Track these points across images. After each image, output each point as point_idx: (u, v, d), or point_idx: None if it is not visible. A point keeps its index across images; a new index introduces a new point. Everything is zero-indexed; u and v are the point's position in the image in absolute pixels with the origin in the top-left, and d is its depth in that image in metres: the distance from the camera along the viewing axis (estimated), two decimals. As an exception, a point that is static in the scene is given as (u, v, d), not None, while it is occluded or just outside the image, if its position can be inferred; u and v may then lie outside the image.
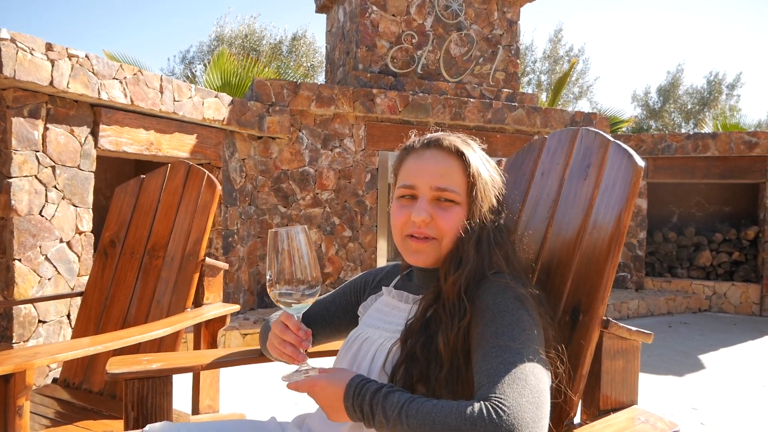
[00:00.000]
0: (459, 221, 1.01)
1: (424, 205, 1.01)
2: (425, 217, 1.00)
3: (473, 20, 6.28)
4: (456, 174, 1.02)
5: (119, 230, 2.31)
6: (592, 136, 1.18)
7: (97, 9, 44.59)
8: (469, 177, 1.02)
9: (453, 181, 1.02)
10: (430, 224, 1.01)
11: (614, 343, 1.03)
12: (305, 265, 0.98)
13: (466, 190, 1.02)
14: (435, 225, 1.01)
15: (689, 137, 6.44)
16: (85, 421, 1.78)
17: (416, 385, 0.94)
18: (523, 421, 0.74)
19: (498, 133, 6.00)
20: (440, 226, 1.01)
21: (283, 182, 5.15)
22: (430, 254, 1.03)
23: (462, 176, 1.03)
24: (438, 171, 1.02)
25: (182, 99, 3.92)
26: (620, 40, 52.31)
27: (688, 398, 3.35)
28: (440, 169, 1.03)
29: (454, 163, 1.03)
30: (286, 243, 0.98)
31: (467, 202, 1.02)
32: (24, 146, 2.93)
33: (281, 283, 0.97)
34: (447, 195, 1.01)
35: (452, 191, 1.01)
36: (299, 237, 0.99)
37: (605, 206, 1.05)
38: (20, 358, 1.36)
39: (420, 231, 1.02)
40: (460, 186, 1.02)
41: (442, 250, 1.03)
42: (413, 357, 0.95)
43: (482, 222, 1.02)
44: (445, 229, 1.01)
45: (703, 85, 16.89)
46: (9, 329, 2.90)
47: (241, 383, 3.42)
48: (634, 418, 1.00)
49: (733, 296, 6.34)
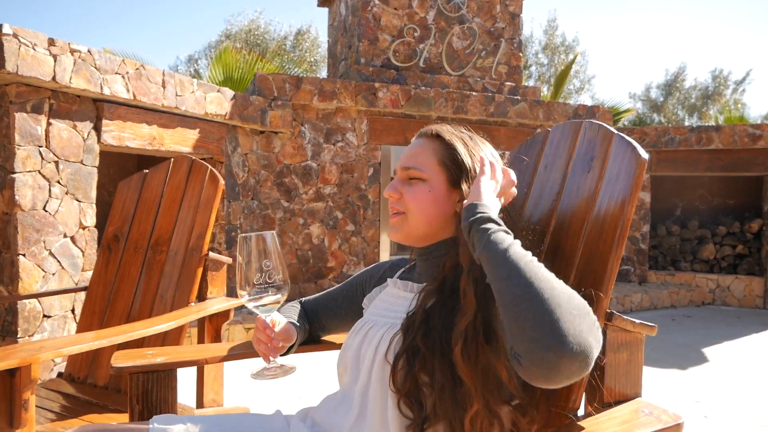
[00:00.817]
0: (422, 195, 1.06)
1: (395, 183, 1.10)
2: (392, 192, 1.08)
3: (475, 13, 6.25)
4: (425, 153, 1.08)
5: (123, 225, 2.31)
6: (596, 129, 1.17)
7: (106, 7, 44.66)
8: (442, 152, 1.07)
9: (420, 160, 1.08)
10: (400, 200, 1.08)
11: (618, 336, 1.03)
12: (274, 268, 1.06)
13: (435, 166, 1.06)
14: (403, 200, 1.08)
15: (693, 130, 6.42)
16: (90, 415, 1.79)
17: (418, 374, 0.94)
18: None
19: (501, 127, 5.99)
20: (406, 200, 1.07)
21: (286, 177, 5.15)
22: (399, 228, 1.09)
23: (432, 154, 1.07)
24: (409, 154, 1.10)
25: (184, 94, 3.91)
26: (619, 39, 52.15)
27: (692, 391, 3.35)
28: (412, 151, 1.10)
29: (426, 144, 1.09)
30: (255, 248, 1.06)
31: (436, 176, 1.06)
32: (27, 141, 2.94)
33: (250, 287, 1.04)
34: (412, 173, 1.07)
35: (416, 168, 1.07)
36: (268, 241, 1.07)
37: (609, 198, 1.05)
38: (26, 353, 1.36)
39: (393, 206, 1.10)
40: (426, 164, 1.07)
41: (409, 224, 1.08)
42: (414, 347, 0.96)
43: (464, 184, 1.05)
44: (409, 203, 1.06)
45: (707, 80, 16.83)
46: (14, 324, 2.91)
47: (245, 377, 3.43)
48: (638, 411, 1.00)
49: (736, 289, 6.33)
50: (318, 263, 5.31)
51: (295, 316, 1.31)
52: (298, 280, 5.24)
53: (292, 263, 5.21)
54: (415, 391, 0.94)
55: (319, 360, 3.64)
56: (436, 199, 1.06)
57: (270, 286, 1.05)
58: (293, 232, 5.20)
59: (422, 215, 1.06)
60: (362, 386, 1.05)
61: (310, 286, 5.28)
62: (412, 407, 0.94)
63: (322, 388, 3.15)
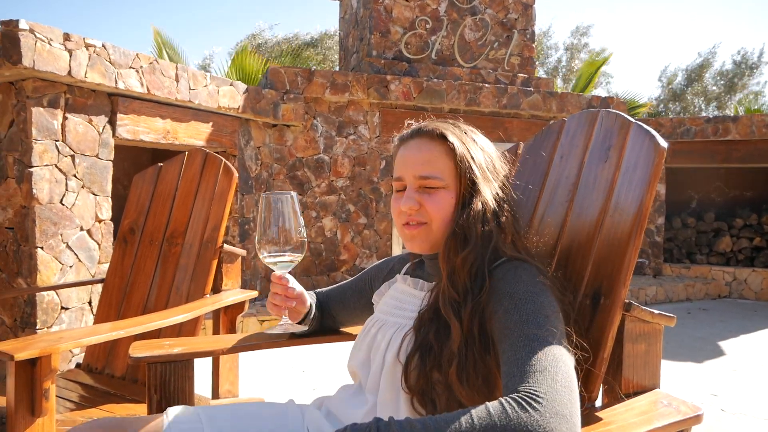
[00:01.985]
0: (446, 203, 1.02)
1: (411, 194, 1.03)
2: (412, 204, 1.02)
3: (487, 5, 6.20)
4: (439, 159, 1.03)
5: (138, 218, 2.33)
6: (613, 118, 1.16)
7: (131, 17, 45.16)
8: (455, 157, 1.02)
9: (435, 167, 1.02)
10: (420, 210, 1.03)
11: (636, 327, 1.02)
12: (291, 228, 1.10)
13: (453, 172, 1.02)
14: (424, 210, 1.03)
15: (709, 121, 6.33)
16: (108, 405, 1.81)
17: (431, 372, 0.94)
18: (561, 403, 0.73)
19: (514, 119, 5.95)
20: (428, 210, 1.02)
21: (298, 170, 5.16)
22: (423, 239, 1.05)
23: (446, 159, 1.03)
24: (420, 159, 1.04)
25: (198, 87, 3.93)
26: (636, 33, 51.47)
27: (708, 385, 3.32)
28: (423, 156, 1.04)
29: (437, 148, 1.03)
30: (276, 207, 1.09)
31: (456, 183, 1.02)
32: (44, 136, 2.97)
33: (270, 244, 1.09)
34: (430, 182, 1.02)
35: (435, 178, 1.02)
36: (288, 202, 1.10)
37: (627, 188, 1.04)
38: (45, 343, 1.38)
39: (412, 218, 1.04)
40: (443, 170, 1.02)
41: (434, 234, 1.04)
42: (427, 345, 0.95)
43: (483, 200, 1.01)
44: (432, 213, 1.02)
45: (730, 67, 16.49)
46: (33, 315, 2.96)
47: (259, 369, 3.46)
48: (656, 402, 0.99)
49: (753, 282, 6.25)
50: (330, 256, 5.33)
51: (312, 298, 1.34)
52: (310, 272, 5.25)
53: (305, 256, 5.22)
54: (428, 389, 0.94)
55: (333, 352, 3.66)
56: (458, 206, 1.02)
57: (287, 245, 1.09)
58: (306, 225, 5.21)
59: (448, 224, 1.02)
60: (373, 386, 1.05)
61: (323, 279, 5.29)
62: (426, 406, 0.94)
63: (337, 380, 3.16)
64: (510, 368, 0.81)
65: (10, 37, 2.70)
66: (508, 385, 0.79)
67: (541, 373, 0.77)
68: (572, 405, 0.74)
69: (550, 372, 0.77)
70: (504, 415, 0.71)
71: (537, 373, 0.77)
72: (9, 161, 2.99)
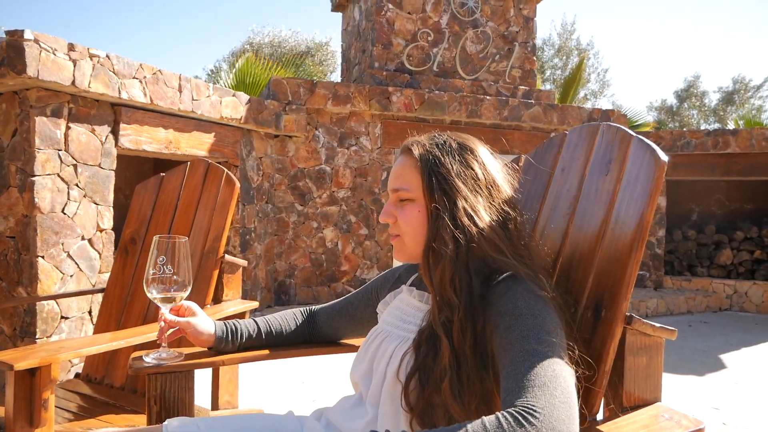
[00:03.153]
0: (413, 216, 1.04)
1: (388, 207, 1.08)
2: (386, 217, 1.07)
3: (489, 17, 6.25)
4: (409, 172, 1.05)
5: (140, 227, 2.33)
6: (614, 131, 1.16)
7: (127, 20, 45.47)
8: (419, 170, 1.03)
9: (405, 180, 1.05)
10: (395, 224, 1.07)
11: (637, 340, 1.02)
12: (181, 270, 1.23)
13: (420, 185, 1.03)
14: (397, 223, 1.06)
15: (709, 134, 6.35)
16: (107, 415, 1.80)
17: (431, 396, 0.93)
18: (559, 419, 0.72)
19: (515, 131, 5.97)
20: (400, 222, 1.05)
21: (300, 180, 5.17)
22: (399, 250, 1.09)
23: (415, 172, 1.04)
24: (396, 173, 1.08)
25: (200, 98, 3.95)
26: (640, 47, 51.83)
27: (710, 398, 3.30)
28: (397, 170, 1.08)
29: (408, 162, 1.06)
30: (166, 249, 1.22)
31: (423, 195, 1.03)
32: (47, 145, 2.98)
33: (156, 283, 1.22)
34: (401, 195, 1.05)
35: (403, 189, 1.05)
36: (180, 246, 1.24)
37: (628, 201, 1.04)
38: (45, 352, 1.38)
39: (390, 229, 1.09)
40: (411, 183, 1.04)
41: (407, 246, 1.06)
42: (426, 367, 0.95)
43: (454, 211, 0.99)
44: (402, 225, 1.05)
45: (729, 86, 16.64)
46: (32, 325, 2.95)
47: (259, 380, 3.44)
48: (657, 416, 0.99)
49: (754, 295, 6.23)
50: (332, 267, 5.32)
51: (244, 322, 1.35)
52: (311, 283, 5.25)
53: (305, 267, 5.22)
54: (429, 411, 0.94)
55: (333, 364, 3.65)
56: (427, 219, 1.02)
57: (172, 284, 1.23)
58: (307, 235, 5.22)
59: (417, 236, 1.04)
60: (374, 398, 1.05)
61: (324, 290, 5.29)
62: (425, 427, 0.94)
63: (336, 392, 3.15)
64: (508, 383, 0.80)
65: (14, 47, 2.72)
66: (506, 399, 0.78)
67: (539, 389, 0.76)
68: (570, 421, 0.74)
69: (549, 387, 0.76)
70: (500, 429, 0.70)
71: (535, 388, 0.76)
72: (11, 170, 3.00)
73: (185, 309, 1.29)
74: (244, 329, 1.33)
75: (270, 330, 1.36)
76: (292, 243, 5.18)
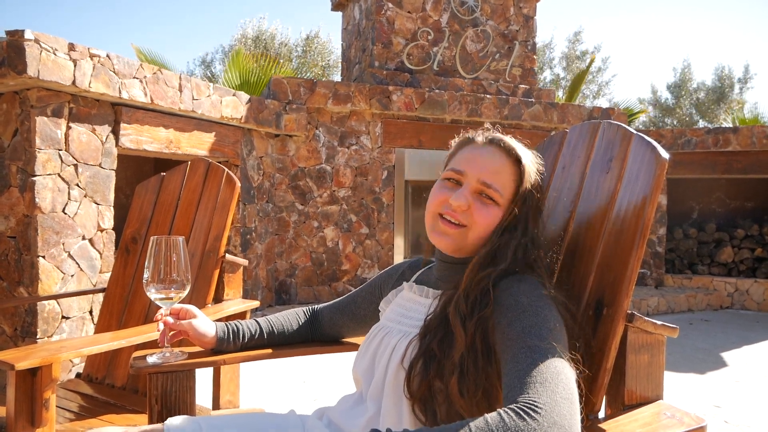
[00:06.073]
0: (494, 218, 1.03)
1: (465, 192, 1.03)
2: (463, 203, 1.02)
3: (489, 16, 6.24)
4: (506, 176, 1.04)
5: (140, 227, 2.33)
6: (614, 129, 1.16)
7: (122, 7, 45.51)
8: (519, 184, 1.04)
9: (501, 181, 1.03)
10: (465, 212, 1.03)
11: (639, 338, 1.02)
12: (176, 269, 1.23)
13: (510, 195, 1.04)
14: (470, 214, 1.03)
15: (709, 132, 6.34)
16: (108, 415, 1.80)
17: (433, 380, 0.94)
18: (561, 415, 0.72)
19: (515, 130, 5.96)
20: (474, 217, 1.02)
21: (300, 180, 5.17)
22: (455, 240, 1.04)
23: (511, 181, 1.04)
24: (490, 167, 1.04)
25: (201, 97, 3.95)
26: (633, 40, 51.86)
27: (711, 396, 3.30)
28: (493, 166, 1.04)
29: (508, 166, 1.05)
30: (164, 249, 1.23)
31: (509, 204, 1.04)
32: (47, 145, 2.98)
33: (155, 282, 1.22)
34: (490, 192, 1.03)
35: (496, 191, 1.03)
36: (178, 246, 1.25)
37: (629, 198, 1.04)
38: (46, 352, 1.38)
39: (453, 214, 1.03)
40: (505, 189, 1.04)
41: (468, 240, 1.04)
42: (431, 353, 0.95)
43: (524, 228, 1.03)
44: (477, 222, 1.02)
45: (714, 80, 16.60)
46: (33, 325, 2.95)
47: (260, 379, 3.45)
48: (659, 413, 0.99)
49: (755, 293, 6.23)
50: (332, 266, 5.32)
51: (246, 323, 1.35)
52: (312, 283, 5.25)
53: (306, 266, 5.22)
54: (429, 397, 0.94)
55: (334, 363, 3.65)
56: (499, 226, 1.04)
57: (171, 284, 1.23)
58: (308, 235, 5.22)
59: (485, 235, 1.03)
60: (376, 392, 1.05)
61: (325, 289, 5.29)
62: (426, 414, 0.94)
63: (338, 391, 3.15)
64: (511, 379, 0.80)
65: (15, 47, 2.72)
66: (508, 396, 0.78)
67: (541, 385, 0.76)
68: (572, 417, 0.74)
69: (551, 383, 0.77)
70: (502, 424, 0.70)
71: (537, 384, 0.76)
72: (12, 170, 3.00)
73: (185, 311, 1.29)
74: (245, 330, 1.33)
75: (272, 330, 1.36)
76: (292, 242, 5.18)
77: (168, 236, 1.24)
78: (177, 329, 1.28)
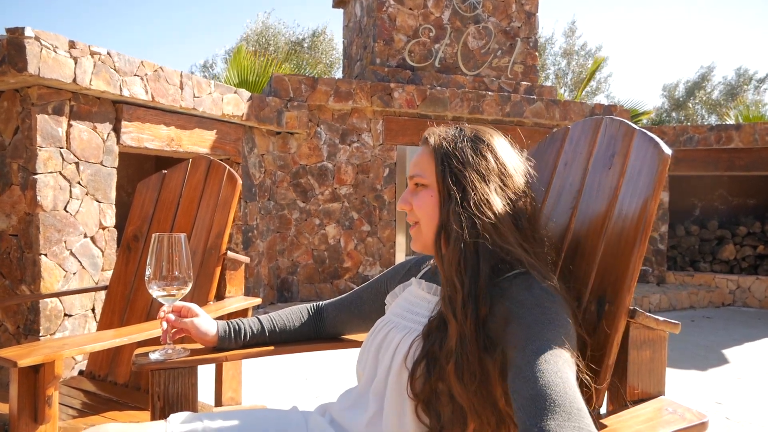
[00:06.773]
0: (427, 201, 1.04)
1: (405, 194, 1.09)
2: (403, 204, 1.08)
3: (491, 13, 6.23)
4: (424, 160, 1.07)
5: (142, 225, 2.34)
6: (617, 125, 1.16)
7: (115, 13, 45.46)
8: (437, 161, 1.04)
9: (420, 167, 1.06)
10: (412, 211, 1.07)
11: (641, 333, 1.02)
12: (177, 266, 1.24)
13: (433, 170, 1.04)
14: (415, 209, 1.06)
15: (712, 129, 6.33)
16: (111, 412, 1.81)
17: (436, 383, 0.93)
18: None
19: (517, 127, 5.95)
20: (416, 209, 1.05)
21: (302, 177, 5.17)
22: (416, 239, 1.08)
23: (430, 159, 1.06)
24: (413, 162, 1.09)
25: (202, 95, 3.95)
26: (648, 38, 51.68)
27: (713, 393, 3.30)
28: (415, 159, 1.09)
29: (425, 150, 1.08)
30: (166, 247, 1.24)
31: (436, 181, 1.04)
32: (48, 143, 2.98)
33: (157, 279, 1.22)
34: (416, 180, 1.06)
35: (418, 176, 1.06)
36: (179, 243, 1.25)
37: (631, 195, 1.04)
38: (49, 349, 1.38)
39: (408, 218, 1.09)
40: (426, 169, 1.05)
41: (424, 234, 1.06)
42: (433, 354, 0.95)
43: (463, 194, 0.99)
44: (417, 211, 1.05)
45: (733, 77, 16.58)
46: (36, 323, 2.96)
47: (263, 376, 3.45)
48: (661, 409, 0.99)
49: (757, 290, 6.22)
50: (334, 264, 5.32)
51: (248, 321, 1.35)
52: (314, 280, 5.25)
53: (308, 263, 5.23)
54: (433, 399, 0.94)
55: (336, 359, 3.65)
56: (439, 204, 1.02)
57: (173, 281, 1.24)
58: (309, 232, 5.22)
59: (430, 221, 1.03)
60: (379, 389, 1.05)
61: (326, 287, 5.29)
62: (430, 415, 0.94)
63: (340, 388, 3.15)
64: (524, 402, 0.77)
65: (15, 45, 2.72)
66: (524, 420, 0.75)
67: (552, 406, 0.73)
68: None
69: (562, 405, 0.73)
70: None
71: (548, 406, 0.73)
72: (13, 168, 3.00)
73: (187, 309, 1.29)
74: (247, 327, 1.33)
75: (274, 327, 1.36)
76: (294, 240, 5.18)
77: (170, 233, 1.24)
78: (179, 327, 1.28)
